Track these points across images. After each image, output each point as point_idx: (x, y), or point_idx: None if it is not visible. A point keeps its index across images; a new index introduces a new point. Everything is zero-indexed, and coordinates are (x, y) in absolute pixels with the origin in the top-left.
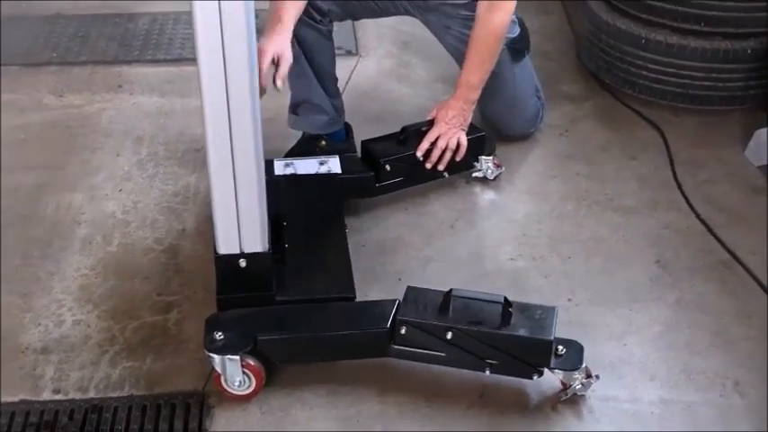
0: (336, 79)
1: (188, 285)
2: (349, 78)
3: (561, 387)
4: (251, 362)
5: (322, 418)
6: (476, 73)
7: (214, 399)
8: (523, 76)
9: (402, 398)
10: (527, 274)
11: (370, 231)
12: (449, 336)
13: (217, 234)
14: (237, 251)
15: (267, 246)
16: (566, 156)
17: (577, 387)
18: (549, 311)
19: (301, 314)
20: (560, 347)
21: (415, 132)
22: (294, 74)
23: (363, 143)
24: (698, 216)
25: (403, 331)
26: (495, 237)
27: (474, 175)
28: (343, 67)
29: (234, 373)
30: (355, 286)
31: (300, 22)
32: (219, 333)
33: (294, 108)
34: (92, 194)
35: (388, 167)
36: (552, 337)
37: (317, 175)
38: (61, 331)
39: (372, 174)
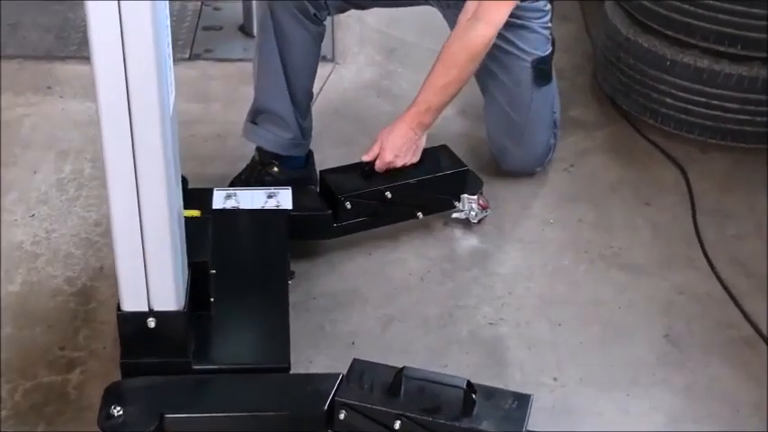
0: (311, 96)
1: (98, 338)
2: (320, 90)
3: None
4: None
5: None
6: (437, 93)
7: None
8: (542, 105)
9: None
10: (507, 342)
11: (324, 280)
12: (397, 425)
13: (120, 287)
14: (145, 308)
15: (183, 303)
16: (568, 197)
17: None
18: (522, 400)
19: (221, 387)
20: None
21: None
22: (262, 73)
23: (322, 174)
24: (720, 280)
25: (342, 416)
26: (473, 294)
27: (454, 216)
28: None
29: None
30: (298, 351)
31: (287, 13)
32: (118, 408)
33: (253, 115)
34: None
35: (348, 205)
36: None
37: (262, 211)
38: None
39: (330, 212)
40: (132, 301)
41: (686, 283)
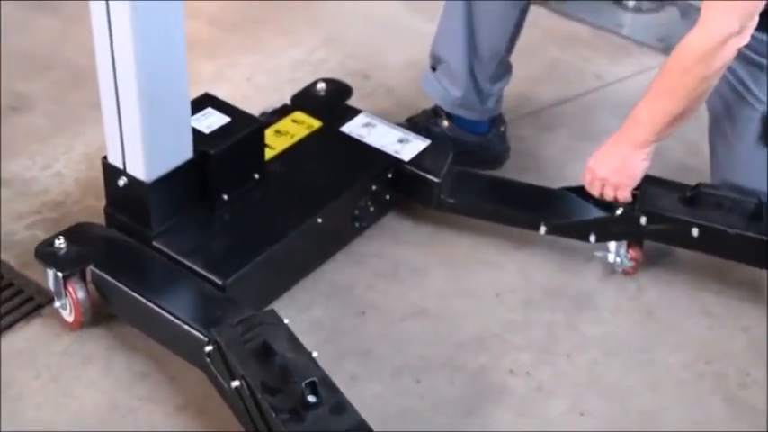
0: (505, 54)
1: None
2: None
3: None
4: None
5: None
6: (648, 106)
7: None
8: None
9: None
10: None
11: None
12: None
13: (106, 136)
14: (120, 166)
15: (153, 176)
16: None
17: None
18: None
19: (152, 270)
20: None
21: None
22: (445, 13)
23: None
24: None
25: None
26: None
27: (598, 254)
28: None
29: None
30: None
31: None
32: (62, 241)
33: (433, 60)
34: None
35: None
36: None
37: (367, 148)
38: None
39: (438, 180)
40: (112, 155)
41: None
